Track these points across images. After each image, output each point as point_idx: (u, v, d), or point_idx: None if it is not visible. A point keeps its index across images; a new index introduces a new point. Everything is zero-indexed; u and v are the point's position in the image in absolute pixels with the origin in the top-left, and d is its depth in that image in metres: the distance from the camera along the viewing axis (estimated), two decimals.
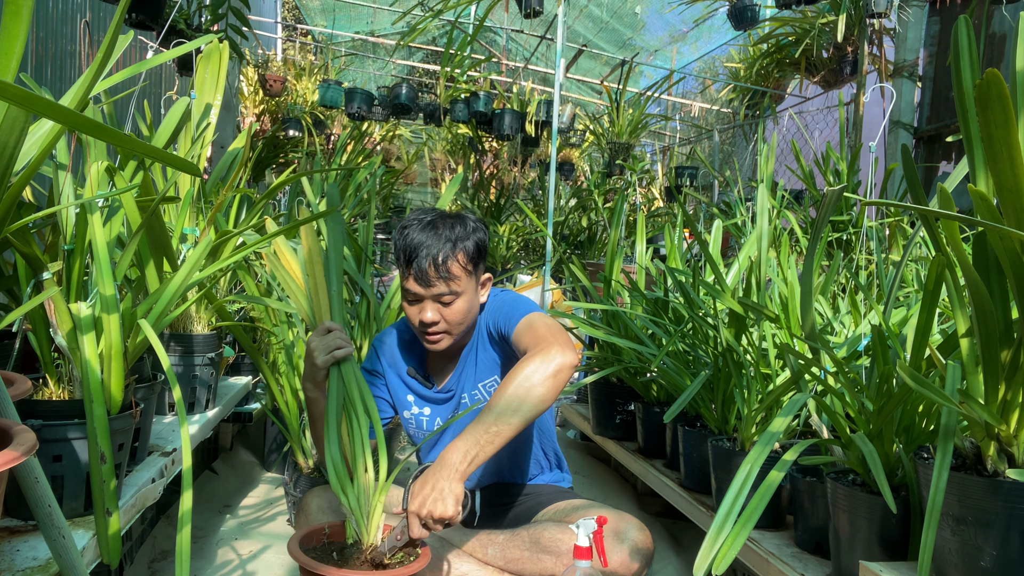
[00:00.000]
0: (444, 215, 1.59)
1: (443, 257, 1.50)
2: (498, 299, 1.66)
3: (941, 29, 5.05)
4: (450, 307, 1.54)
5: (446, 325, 1.56)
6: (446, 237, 1.52)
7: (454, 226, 1.55)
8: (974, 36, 1.07)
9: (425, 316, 1.53)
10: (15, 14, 0.79)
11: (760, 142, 5.03)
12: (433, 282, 1.51)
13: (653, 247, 3.20)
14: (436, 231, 1.53)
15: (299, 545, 1.33)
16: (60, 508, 1.06)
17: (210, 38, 2.25)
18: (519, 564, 1.53)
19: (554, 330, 1.44)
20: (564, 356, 1.36)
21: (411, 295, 1.55)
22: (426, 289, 1.52)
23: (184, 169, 0.95)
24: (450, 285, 1.52)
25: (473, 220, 1.60)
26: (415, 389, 1.72)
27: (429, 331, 1.56)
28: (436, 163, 8.05)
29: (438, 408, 1.71)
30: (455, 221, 1.57)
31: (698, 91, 8.69)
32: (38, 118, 1.21)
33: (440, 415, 1.71)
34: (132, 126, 2.59)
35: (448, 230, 1.54)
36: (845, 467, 1.45)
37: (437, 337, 1.57)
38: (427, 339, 1.58)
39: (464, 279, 1.54)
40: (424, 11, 5.18)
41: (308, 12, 9.13)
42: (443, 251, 1.51)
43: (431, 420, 1.71)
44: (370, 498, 1.35)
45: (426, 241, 1.51)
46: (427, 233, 1.53)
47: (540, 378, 1.34)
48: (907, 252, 1.33)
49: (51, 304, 1.28)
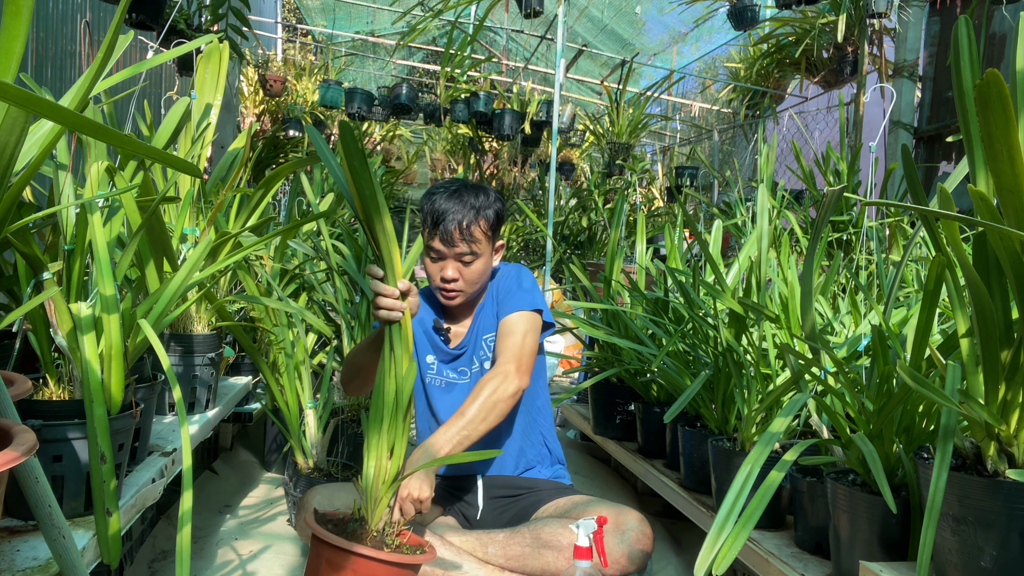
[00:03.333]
0: (467, 184, 1.76)
1: (467, 222, 1.68)
2: (515, 276, 1.82)
3: (941, 29, 5.04)
4: (469, 267, 1.72)
5: (463, 283, 1.73)
6: (471, 204, 1.70)
7: (478, 195, 1.72)
8: (974, 36, 1.07)
9: (446, 273, 1.71)
10: (15, 14, 0.79)
11: (760, 142, 5.03)
12: (457, 243, 1.68)
13: (653, 247, 3.20)
14: (462, 199, 1.70)
15: (315, 518, 1.33)
16: (60, 508, 1.06)
17: (210, 38, 2.24)
18: (520, 561, 1.53)
19: (524, 350, 1.67)
20: (520, 381, 1.62)
21: (435, 253, 1.72)
22: (449, 249, 1.69)
23: (184, 170, 0.95)
24: (471, 247, 1.70)
25: (493, 192, 1.78)
26: (435, 343, 1.85)
27: (447, 287, 1.73)
28: (436, 163, 8.05)
29: (447, 364, 1.84)
30: (478, 191, 1.74)
31: (698, 91, 8.69)
32: (38, 118, 1.21)
33: (448, 368, 1.84)
34: (132, 126, 2.59)
35: (473, 198, 1.71)
36: (845, 467, 1.45)
37: (454, 293, 1.74)
38: (444, 294, 1.75)
39: (484, 242, 1.72)
40: (424, 11, 5.18)
41: (308, 12, 9.13)
42: (467, 216, 1.68)
43: (442, 369, 1.85)
44: (380, 487, 1.34)
45: (453, 207, 1.69)
46: (453, 200, 1.70)
47: (502, 395, 1.59)
48: (907, 252, 1.33)
49: (51, 304, 1.28)
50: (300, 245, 2.74)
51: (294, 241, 2.72)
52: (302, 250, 2.73)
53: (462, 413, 1.55)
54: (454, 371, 1.84)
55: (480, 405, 1.57)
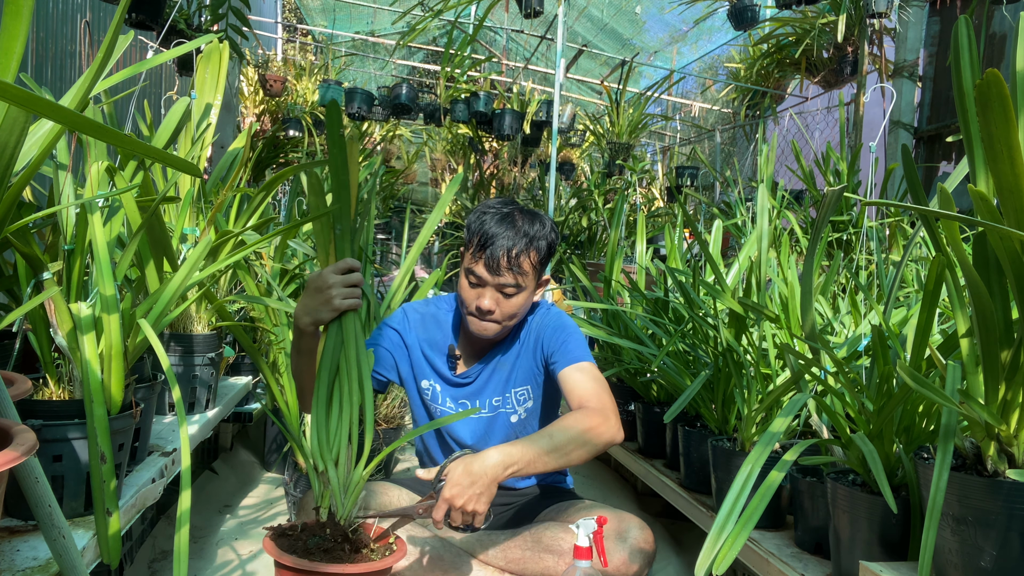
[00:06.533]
0: (523, 210, 1.62)
1: (517, 251, 1.54)
2: (556, 318, 1.68)
3: (941, 29, 5.04)
4: (510, 299, 1.58)
5: (500, 315, 1.58)
6: (524, 232, 1.56)
7: (533, 223, 1.59)
8: (974, 36, 1.07)
9: (483, 303, 1.57)
10: (15, 14, 0.79)
11: (760, 142, 5.03)
12: (502, 272, 1.54)
13: (653, 247, 3.20)
14: (515, 225, 1.56)
15: (273, 539, 1.26)
16: (60, 508, 1.06)
17: (210, 38, 2.24)
18: (520, 564, 1.53)
19: (612, 400, 1.51)
20: (618, 434, 1.45)
21: (475, 277, 1.57)
22: (493, 277, 1.55)
23: (184, 169, 0.95)
24: (517, 279, 1.56)
25: (549, 221, 1.63)
26: (436, 366, 1.72)
27: (484, 317, 1.59)
28: (436, 163, 8.05)
29: (450, 389, 1.71)
30: (533, 218, 1.60)
31: (698, 91, 8.69)
32: (38, 118, 1.21)
33: (449, 396, 1.71)
34: (132, 126, 2.59)
35: (527, 225, 1.57)
36: (845, 467, 1.45)
37: (487, 325, 1.60)
38: (478, 324, 1.60)
39: (530, 276, 1.58)
40: (424, 11, 5.18)
41: (308, 12, 9.13)
42: (518, 245, 1.55)
43: (443, 396, 1.72)
44: (351, 471, 1.30)
45: (504, 232, 1.55)
46: (506, 225, 1.56)
47: (596, 443, 1.42)
48: (907, 252, 1.33)
49: (51, 304, 1.28)
50: (300, 245, 2.74)
51: (294, 241, 2.72)
52: (302, 250, 2.73)
53: (549, 437, 1.38)
54: (454, 401, 1.71)
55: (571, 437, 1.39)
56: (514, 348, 1.69)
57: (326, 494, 1.29)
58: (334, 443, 1.29)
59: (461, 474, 1.30)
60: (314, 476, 1.30)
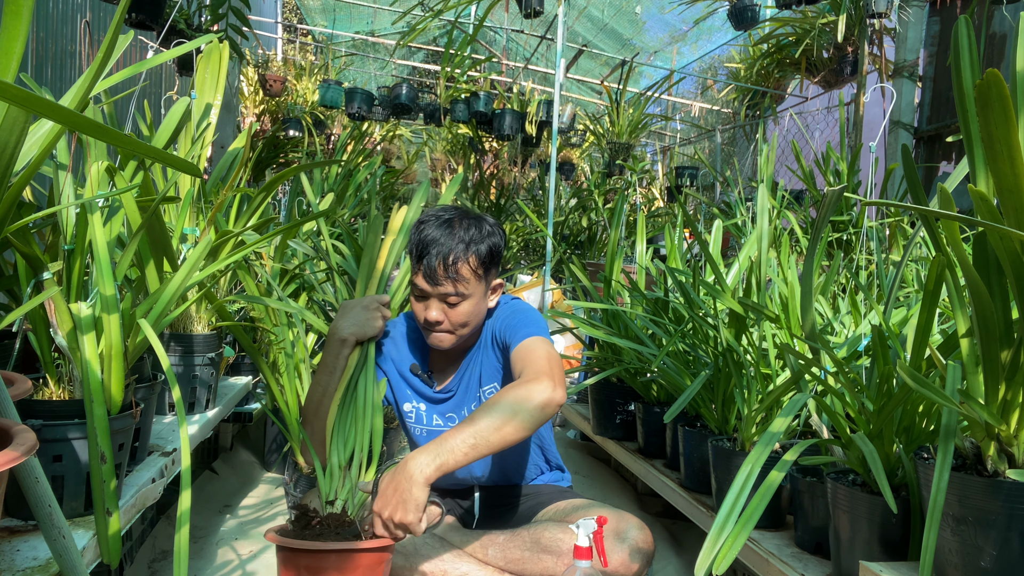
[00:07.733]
0: (464, 215, 1.57)
1: (454, 258, 1.49)
2: (508, 308, 1.65)
3: (941, 29, 5.04)
4: (455, 308, 1.53)
5: (450, 325, 1.55)
6: (460, 238, 1.51)
7: (470, 227, 1.54)
8: (974, 36, 1.07)
9: (430, 315, 1.53)
10: (15, 14, 0.79)
11: (760, 142, 5.03)
12: (441, 281, 1.50)
13: (653, 247, 3.20)
14: (451, 230, 1.52)
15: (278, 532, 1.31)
16: (60, 508, 1.06)
17: (210, 38, 2.24)
18: (520, 564, 1.53)
19: (553, 362, 1.43)
20: (555, 392, 1.35)
21: (418, 291, 1.54)
22: (433, 287, 1.51)
23: (184, 169, 0.95)
24: (457, 287, 1.50)
25: (491, 224, 1.58)
26: (415, 386, 1.71)
27: (433, 329, 1.57)
28: (436, 163, 8.05)
29: (434, 407, 1.71)
30: (472, 222, 1.55)
31: (698, 91, 8.69)
32: (38, 118, 1.21)
33: (436, 412, 1.70)
34: (132, 126, 2.59)
35: (463, 231, 1.52)
36: (845, 467, 1.45)
37: (440, 336, 1.57)
38: (432, 337, 1.58)
39: (473, 282, 1.53)
40: (424, 11, 5.18)
41: (308, 12, 9.13)
42: (455, 251, 1.49)
43: (428, 415, 1.71)
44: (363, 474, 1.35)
45: (440, 239, 1.50)
46: (443, 231, 1.51)
47: (527, 407, 1.32)
48: (907, 252, 1.33)
49: (51, 304, 1.28)
50: (300, 245, 2.74)
51: (294, 241, 2.71)
52: (302, 250, 2.73)
53: (471, 420, 1.30)
54: (442, 417, 1.67)
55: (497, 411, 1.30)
56: (479, 348, 1.66)
57: (343, 491, 1.34)
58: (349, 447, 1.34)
59: (386, 485, 1.28)
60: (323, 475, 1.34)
